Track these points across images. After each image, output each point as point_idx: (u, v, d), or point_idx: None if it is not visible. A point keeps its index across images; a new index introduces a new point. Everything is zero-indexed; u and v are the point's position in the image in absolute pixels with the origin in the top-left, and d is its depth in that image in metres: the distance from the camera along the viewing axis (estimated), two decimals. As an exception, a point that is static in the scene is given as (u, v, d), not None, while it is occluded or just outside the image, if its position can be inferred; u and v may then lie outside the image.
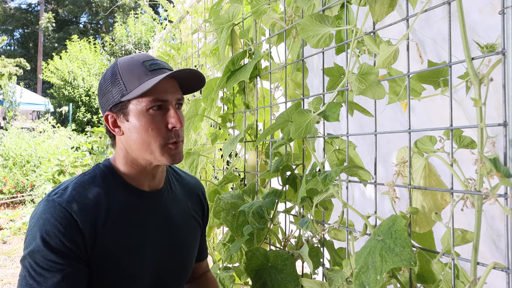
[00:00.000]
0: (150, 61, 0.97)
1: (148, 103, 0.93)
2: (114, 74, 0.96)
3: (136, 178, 1.01)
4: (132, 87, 0.93)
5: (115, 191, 0.98)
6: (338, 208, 1.02)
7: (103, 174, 0.99)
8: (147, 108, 0.93)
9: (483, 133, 0.68)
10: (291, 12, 1.19)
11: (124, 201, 0.98)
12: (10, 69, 12.24)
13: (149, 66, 0.96)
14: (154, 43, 3.26)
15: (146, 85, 0.91)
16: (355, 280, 0.76)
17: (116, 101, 0.95)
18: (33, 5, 30.52)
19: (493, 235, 1.21)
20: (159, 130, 0.94)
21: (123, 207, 0.97)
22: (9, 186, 7.89)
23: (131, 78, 0.94)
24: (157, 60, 0.99)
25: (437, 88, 0.88)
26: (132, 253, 0.96)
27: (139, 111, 0.94)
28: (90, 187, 0.95)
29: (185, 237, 1.10)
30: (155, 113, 0.94)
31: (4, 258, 4.90)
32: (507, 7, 0.62)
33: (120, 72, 0.96)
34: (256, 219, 1.25)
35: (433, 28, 1.29)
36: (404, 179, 0.83)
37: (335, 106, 0.97)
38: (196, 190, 1.21)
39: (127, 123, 0.96)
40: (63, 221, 0.88)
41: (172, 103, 0.97)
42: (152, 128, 0.94)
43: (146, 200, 1.02)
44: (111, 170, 1.01)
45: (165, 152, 0.96)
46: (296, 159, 1.19)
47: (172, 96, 0.97)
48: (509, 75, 0.62)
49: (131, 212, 0.98)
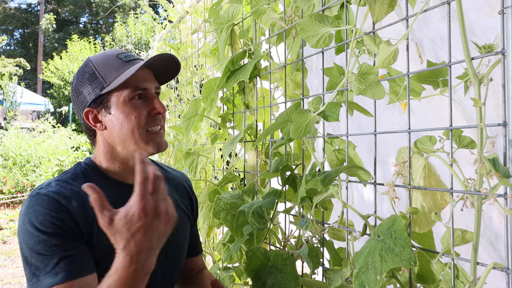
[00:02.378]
0: (124, 53, 0.99)
1: (130, 92, 0.94)
2: (90, 71, 0.97)
3: (119, 173, 1.01)
4: (111, 78, 0.94)
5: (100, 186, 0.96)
6: (338, 208, 1.02)
7: (85, 171, 0.99)
8: (129, 97, 0.95)
9: (482, 133, 0.68)
10: (290, 12, 1.19)
11: (110, 195, 0.95)
12: (10, 69, 12.24)
13: (124, 58, 0.97)
14: (154, 43, 3.26)
15: (126, 74, 0.93)
16: (355, 280, 0.76)
17: (96, 95, 0.95)
18: (33, 5, 30.53)
19: (491, 237, 1.21)
20: (142, 116, 0.95)
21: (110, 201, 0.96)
22: (9, 186, 7.89)
23: (109, 70, 0.95)
24: (130, 53, 1.01)
25: (437, 88, 0.88)
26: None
27: (121, 102, 0.94)
28: (73, 182, 0.95)
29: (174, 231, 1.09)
30: (137, 102, 0.96)
31: (4, 258, 4.90)
32: (507, 7, 0.62)
33: (96, 67, 0.96)
34: (256, 219, 1.25)
35: (431, 28, 1.29)
36: (403, 179, 0.83)
37: (335, 106, 0.97)
38: (182, 183, 1.20)
39: (110, 115, 0.96)
40: (52, 207, 0.87)
41: (152, 91, 0.99)
42: (135, 115, 0.94)
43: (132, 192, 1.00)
44: (93, 167, 1.00)
45: (150, 139, 0.96)
46: (295, 159, 1.19)
47: (151, 84, 0.99)
48: (509, 75, 0.62)
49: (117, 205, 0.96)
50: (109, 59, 0.97)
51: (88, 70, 0.97)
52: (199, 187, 1.98)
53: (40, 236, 0.85)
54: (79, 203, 0.91)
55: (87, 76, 0.97)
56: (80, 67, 1.01)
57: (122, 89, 0.94)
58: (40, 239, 0.85)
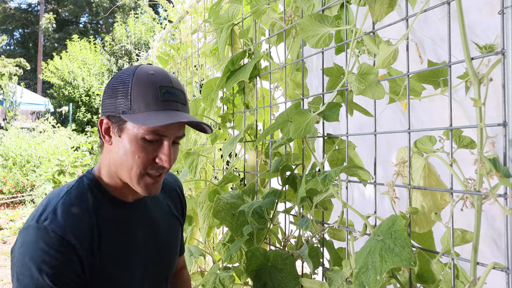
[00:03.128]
0: (166, 88, 0.90)
1: (145, 132, 0.88)
2: (126, 84, 0.90)
3: (120, 190, 0.98)
4: (136, 109, 0.87)
5: (103, 207, 0.94)
6: (338, 208, 1.02)
7: (89, 189, 0.95)
8: (143, 136, 0.88)
9: (482, 133, 0.68)
10: (290, 12, 1.19)
11: (113, 217, 0.96)
12: (10, 69, 12.24)
13: (163, 94, 0.89)
14: (154, 43, 3.26)
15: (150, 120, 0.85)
16: (355, 280, 0.76)
17: (116, 113, 0.89)
18: (33, 5, 30.53)
19: (494, 235, 1.21)
20: (145, 160, 0.90)
21: (112, 224, 0.95)
22: (9, 186, 7.89)
23: (139, 99, 0.88)
24: (173, 89, 0.91)
25: (437, 88, 0.88)
26: (123, 265, 0.95)
27: (133, 134, 0.89)
28: (80, 206, 0.91)
29: (169, 239, 1.11)
30: (147, 144, 0.89)
31: (4, 258, 4.90)
32: (507, 7, 0.62)
33: (132, 85, 0.89)
34: (256, 219, 1.25)
35: (431, 28, 1.29)
36: (403, 179, 0.83)
37: (335, 106, 0.97)
38: (174, 187, 1.19)
39: (119, 139, 0.91)
40: (61, 249, 0.82)
41: (170, 139, 0.92)
42: (139, 156, 0.89)
43: (132, 211, 1.00)
44: (96, 183, 0.97)
45: (142, 182, 0.92)
46: (295, 159, 1.19)
47: (173, 133, 0.91)
48: (509, 75, 0.62)
49: (120, 227, 0.96)
50: (148, 86, 0.88)
51: (126, 82, 0.90)
52: (199, 187, 1.98)
53: (39, 279, 0.80)
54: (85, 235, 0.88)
55: (121, 88, 0.90)
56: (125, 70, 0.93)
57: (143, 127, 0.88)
58: (38, 282, 0.80)
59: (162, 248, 1.07)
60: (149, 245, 1.03)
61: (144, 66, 0.93)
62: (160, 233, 1.07)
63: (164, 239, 1.08)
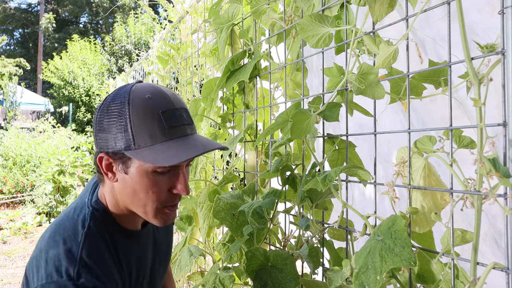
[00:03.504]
0: (169, 112, 0.80)
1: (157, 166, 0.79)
2: (123, 116, 0.79)
3: (128, 220, 0.94)
4: (142, 144, 0.78)
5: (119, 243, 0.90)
6: (338, 208, 1.02)
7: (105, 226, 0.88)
8: (154, 169, 0.81)
9: (482, 133, 0.68)
10: (290, 12, 1.19)
11: (127, 249, 0.92)
12: (10, 69, 12.24)
13: (167, 120, 0.80)
14: (153, 43, 3.26)
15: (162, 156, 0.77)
16: (355, 280, 0.76)
17: (118, 149, 0.80)
18: (33, 5, 30.53)
19: (495, 235, 1.21)
20: (160, 194, 0.83)
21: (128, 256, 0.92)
22: (9, 186, 7.89)
23: (143, 132, 0.78)
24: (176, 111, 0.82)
25: (438, 88, 0.88)
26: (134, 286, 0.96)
27: (143, 169, 0.80)
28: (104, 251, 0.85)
29: (168, 250, 1.13)
30: (160, 176, 0.82)
31: (4, 258, 4.90)
32: (507, 7, 0.62)
33: (130, 117, 0.78)
34: (256, 219, 1.25)
35: (433, 27, 1.29)
36: (403, 179, 0.83)
37: (335, 106, 0.97)
38: None
39: (125, 175, 0.83)
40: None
41: (183, 167, 0.85)
42: (153, 191, 0.82)
43: (141, 238, 0.99)
44: (110, 219, 0.91)
45: (159, 215, 0.86)
46: (295, 159, 1.19)
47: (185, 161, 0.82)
48: (509, 75, 0.62)
49: (134, 257, 0.94)
50: (149, 116, 0.78)
51: (121, 114, 0.79)
52: (199, 187, 1.98)
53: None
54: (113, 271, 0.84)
55: (117, 121, 0.79)
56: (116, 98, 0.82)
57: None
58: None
59: (163, 262, 1.10)
60: (154, 264, 1.05)
61: (137, 90, 0.82)
62: (162, 249, 1.09)
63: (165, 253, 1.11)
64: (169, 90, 0.86)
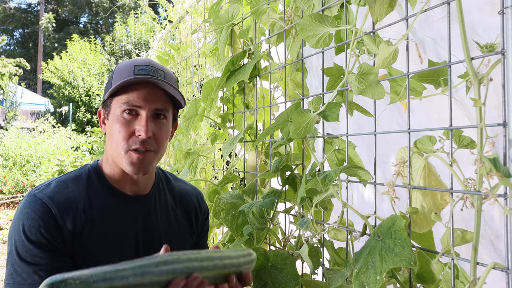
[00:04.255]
0: (142, 66, 0.96)
1: (122, 105, 0.93)
2: (111, 73, 1.00)
3: (119, 181, 1.00)
4: (114, 85, 0.94)
5: (98, 193, 0.98)
6: (338, 208, 1.02)
7: (88, 174, 0.99)
8: (121, 111, 0.94)
9: (482, 133, 0.68)
10: (290, 12, 1.19)
11: (105, 203, 0.97)
12: (10, 69, 12.24)
13: (137, 70, 0.95)
14: (153, 43, 3.26)
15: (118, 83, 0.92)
16: (355, 280, 0.76)
17: (104, 98, 0.98)
18: (33, 5, 30.54)
19: (492, 236, 1.21)
20: (126, 133, 0.93)
21: (103, 210, 0.97)
22: (9, 186, 7.89)
23: (117, 78, 0.95)
24: (151, 67, 0.96)
25: (438, 88, 0.88)
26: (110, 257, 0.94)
27: (115, 113, 0.94)
28: (73, 185, 0.96)
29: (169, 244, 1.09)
30: (127, 118, 0.93)
31: (4, 258, 4.90)
32: (507, 7, 0.62)
33: (114, 71, 0.99)
34: (256, 219, 1.25)
35: (433, 27, 1.29)
36: (403, 179, 0.83)
37: (335, 106, 0.97)
38: (191, 198, 1.17)
39: (107, 122, 0.98)
40: (43, 216, 0.89)
41: (147, 111, 0.94)
42: (120, 131, 0.93)
43: (129, 204, 1.01)
44: (97, 171, 1.01)
45: (127, 159, 0.94)
46: (295, 159, 1.19)
47: (148, 104, 0.94)
48: (509, 75, 0.62)
49: (111, 215, 0.98)
50: (126, 67, 0.96)
51: (112, 72, 1.00)
52: (199, 187, 1.98)
53: (25, 241, 0.87)
54: (71, 211, 0.92)
55: (109, 77, 1.00)
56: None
57: (120, 101, 0.94)
58: (24, 244, 0.87)
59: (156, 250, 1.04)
60: (140, 245, 1.01)
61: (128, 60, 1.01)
62: (156, 236, 1.05)
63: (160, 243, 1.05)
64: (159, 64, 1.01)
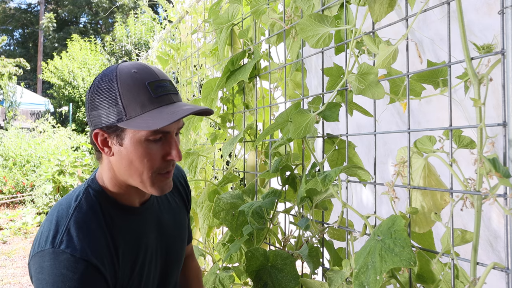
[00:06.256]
0: (155, 82, 0.87)
1: (149, 133, 0.85)
2: (112, 91, 0.85)
3: (127, 197, 0.96)
4: (133, 113, 0.83)
5: (114, 218, 0.92)
6: (338, 208, 1.02)
7: (98, 201, 0.91)
8: (147, 138, 0.86)
9: (482, 133, 0.68)
10: (290, 12, 1.19)
11: (125, 226, 0.94)
12: (10, 69, 12.24)
13: (154, 90, 0.85)
14: (153, 43, 3.26)
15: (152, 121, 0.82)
16: (355, 280, 0.76)
17: (111, 123, 0.85)
18: (33, 5, 30.53)
19: (490, 237, 1.21)
20: (155, 161, 0.88)
21: (126, 233, 0.93)
22: (9, 186, 7.89)
23: (133, 103, 0.84)
24: (162, 81, 0.88)
25: (437, 88, 0.88)
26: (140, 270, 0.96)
27: (137, 139, 0.86)
28: (92, 222, 0.87)
29: (178, 235, 1.12)
30: (153, 144, 0.87)
31: (4, 258, 4.90)
32: (507, 7, 0.62)
33: (119, 91, 0.84)
34: (256, 219, 1.25)
35: (431, 28, 1.29)
36: (403, 179, 0.83)
37: (335, 106, 0.97)
38: (179, 179, 1.19)
39: (120, 147, 0.87)
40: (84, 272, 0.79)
41: (173, 134, 0.90)
42: (148, 159, 0.87)
43: (141, 215, 1.00)
44: (103, 194, 0.93)
45: (156, 183, 0.90)
46: (295, 159, 1.19)
47: (175, 126, 0.90)
48: (509, 75, 0.62)
49: (133, 234, 0.95)
50: (137, 87, 0.84)
51: (111, 89, 0.85)
52: (199, 187, 1.98)
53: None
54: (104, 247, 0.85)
55: (107, 96, 0.85)
56: (104, 76, 0.88)
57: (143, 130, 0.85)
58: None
59: (171, 246, 1.08)
60: (160, 246, 1.03)
61: (123, 67, 0.89)
62: (168, 230, 1.07)
63: (172, 236, 1.08)
64: (153, 66, 0.93)
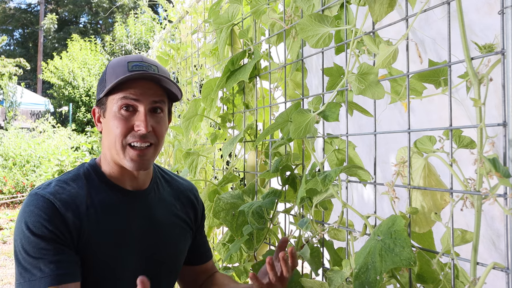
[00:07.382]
0: (136, 62, 0.96)
1: (118, 101, 0.94)
2: (104, 71, 1.00)
3: (118, 177, 1.01)
4: (109, 83, 0.94)
5: (98, 190, 0.98)
6: (338, 208, 1.02)
7: (87, 173, 1.00)
8: (119, 107, 0.94)
9: (482, 133, 0.68)
10: (290, 12, 1.19)
11: (107, 200, 0.98)
12: (10, 69, 12.24)
13: (131, 66, 0.95)
14: (153, 43, 3.26)
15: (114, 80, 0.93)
16: (355, 280, 0.76)
17: (99, 97, 0.98)
18: (33, 5, 30.53)
19: (493, 236, 1.21)
20: (124, 129, 0.94)
21: (105, 206, 0.97)
22: (9, 186, 7.89)
23: (112, 75, 0.95)
24: (144, 62, 0.97)
25: (438, 87, 0.88)
26: (114, 252, 0.96)
27: (112, 110, 0.95)
28: (73, 183, 0.97)
29: (170, 239, 1.08)
30: (125, 114, 0.94)
31: (4, 258, 4.90)
32: (507, 7, 0.62)
33: (106, 69, 0.99)
34: (256, 219, 1.25)
35: (433, 27, 1.29)
36: (403, 179, 0.83)
37: (335, 106, 0.97)
38: (187, 193, 1.17)
39: (104, 120, 0.99)
40: (46, 210, 0.89)
41: (145, 105, 0.95)
42: (118, 127, 0.94)
43: (130, 199, 1.02)
44: (95, 169, 1.02)
45: (127, 154, 0.95)
46: (295, 159, 1.19)
47: (146, 98, 0.95)
48: (509, 75, 0.62)
49: (113, 210, 0.98)
50: (119, 64, 0.96)
51: (104, 71, 1.00)
52: (199, 187, 1.98)
53: (30, 237, 0.87)
54: (73, 207, 0.93)
55: (101, 76, 1.00)
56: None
57: (116, 97, 0.95)
58: (30, 240, 0.88)
59: (159, 246, 1.05)
60: (144, 240, 1.01)
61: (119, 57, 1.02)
62: (158, 230, 1.05)
63: (162, 237, 1.06)
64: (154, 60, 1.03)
